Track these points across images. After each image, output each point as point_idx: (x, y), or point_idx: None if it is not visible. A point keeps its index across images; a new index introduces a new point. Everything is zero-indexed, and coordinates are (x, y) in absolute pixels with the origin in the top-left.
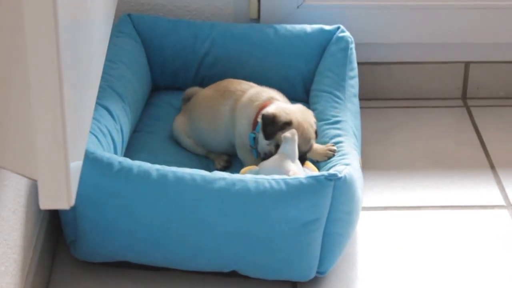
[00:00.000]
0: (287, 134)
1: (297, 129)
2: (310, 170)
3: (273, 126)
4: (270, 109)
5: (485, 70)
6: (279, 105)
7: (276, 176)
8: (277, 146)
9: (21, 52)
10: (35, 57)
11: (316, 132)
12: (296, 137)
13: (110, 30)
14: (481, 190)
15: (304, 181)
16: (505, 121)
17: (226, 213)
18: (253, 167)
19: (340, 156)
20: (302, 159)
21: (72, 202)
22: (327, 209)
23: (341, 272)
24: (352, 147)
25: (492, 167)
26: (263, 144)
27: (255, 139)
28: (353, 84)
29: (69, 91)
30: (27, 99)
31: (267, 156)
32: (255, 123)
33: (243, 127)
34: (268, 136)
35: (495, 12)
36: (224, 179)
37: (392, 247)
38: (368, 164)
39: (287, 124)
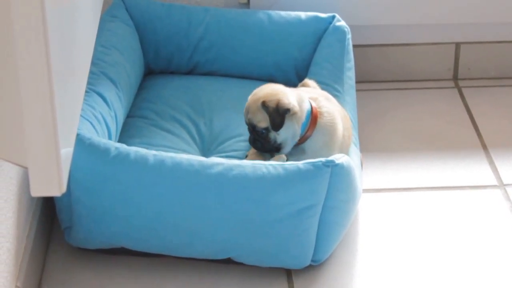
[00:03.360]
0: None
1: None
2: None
3: None
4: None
5: (476, 50)
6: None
7: (274, 162)
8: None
9: (8, 38)
10: (23, 42)
11: (269, 114)
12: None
13: (100, 14)
14: (473, 170)
15: (301, 166)
16: (496, 101)
17: (223, 198)
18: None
19: None
20: (255, 139)
21: (64, 189)
22: (323, 196)
23: (336, 259)
24: (352, 141)
25: (484, 147)
26: None
27: None
28: (350, 76)
29: (58, 76)
30: (16, 86)
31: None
32: None
33: None
34: None
35: None
36: (221, 164)
37: (385, 229)
38: (360, 145)
39: None
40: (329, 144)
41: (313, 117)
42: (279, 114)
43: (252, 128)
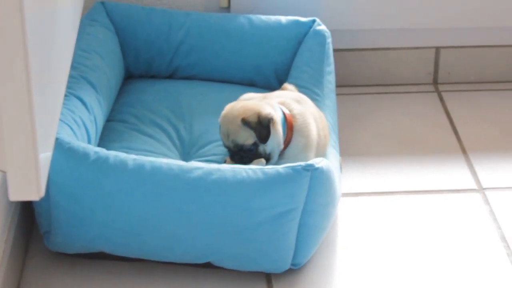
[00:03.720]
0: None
1: (220, 124)
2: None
3: None
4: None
5: (455, 55)
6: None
7: (253, 166)
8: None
9: None
10: (1, 46)
11: (255, 130)
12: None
13: (80, 18)
14: (453, 174)
15: (281, 170)
16: (476, 105)
17: (202, 203)
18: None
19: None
20: (242, 157)
21: (42, 193)
22: (303, 200)
23: (316, 262)
24: (332, 146)
25: (464, 151)
26: None
27: None
28: (330, 80)
29: (37, 80)
30: None
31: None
32: None
33: None
34: None
35: None
36: (201, 168)
37: (364, 233)
38: (340, 149)
39: None
40: (306, 146)
41: (288, 121)
42: (263, 126)
43: (238, 148)
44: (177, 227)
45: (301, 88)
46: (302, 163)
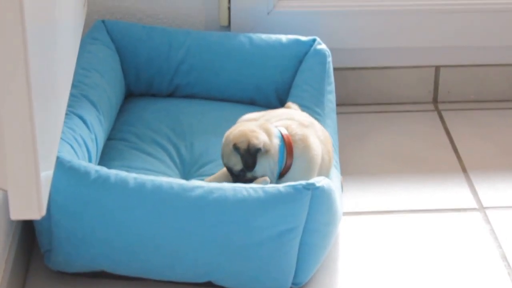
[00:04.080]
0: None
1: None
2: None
3: None
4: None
5: (455, 73)
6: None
7: (254, 185)
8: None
9: None
10: (3, 66)
11: (241, 156)
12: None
13: (80, 37)
14: (453, 193)
15: (282, 189)
16: (476, 124)
17: (203, 221)
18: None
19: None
20: (239, 181)
21: (43, 212)
22: (304, 219)
23: (317, 281)
24: (333, 164)
25: (464, 170)
26: None
27: None
28: (331, 99)
29: (38, 100)
30: None
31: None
32: None
33: None
34: None
35: (465, 16)
36: (201, 187)
37: (365, 251)
38: (340, 168)
39: None
40: (308, 170)
41: (287, 146)
42: (250, 155)
43: (230, 171)
44: (178, 246)
45: (302, 107)
46: (303, 182)
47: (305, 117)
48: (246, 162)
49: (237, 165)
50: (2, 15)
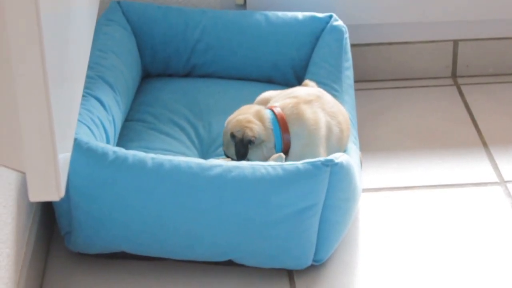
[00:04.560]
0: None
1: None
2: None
3: None
4: None
5: (473, 47)
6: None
7: (272, 162)
8: None
9: (3, 43)
10: (19, 48)
11: (237, 144)
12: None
13: (96, 18)
14: (474, 167)
15: (300, 166)
16: (495, 98)
17: (222, 200)
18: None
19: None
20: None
21: (62, 193)
22: (323, 195)
23: (338, 258)
24: (352, 141)
25: (485, 144)
26: None
27: None
28: (348, 75)
29: (54, 81)
30: (12, 92)
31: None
32: None
33: None
34: None
35: None
36: (220, 166)
37: (386, 228)
38: (360, 144)
39: None
40: (310, 143)
41: (281, 124)
42: (243, 145)
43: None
44: (197, 225)
45: (320, 84)
46: (322, 159)
47: (311, 92)
48: (238, 151)
49: (235, 155)
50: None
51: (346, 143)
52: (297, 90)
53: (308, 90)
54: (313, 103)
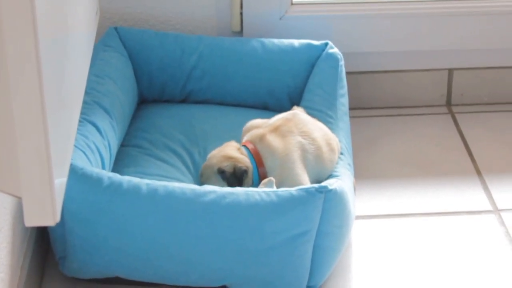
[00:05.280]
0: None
1: None
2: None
3: None
4: None
5: (468, 76)
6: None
7: (266, 188)
8: None
9: (2, 69)
10: (16, 73)
11: (230, 178)
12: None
13: (93, 44)
14: (468, 196)
15: (294, 193)
16: (490, 126)
17: (216, 226)
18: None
19: (333, 177)
20: None
21: (58, 219)
22: (317, 221)
23: (331, 284)
24: (346, 167)
25: (479, 172)
26: None
27: None
28: (343, 102)
29: (52, 107)
30: (10, 117)
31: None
32: None
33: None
34: None
35: (478, 19)
36: (214, 192)
37: (379, 255)
38: (354, 171)
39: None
40: (284, 173)
41: (257, 160)
42: (236, 178)
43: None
44: (192, 251)
45: (315, 111)
46: (316, 185)
47: (281, 117)
48: (232, 185)
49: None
50: (14, 23)
51: (333, 158)
52: (273, 118)
53: (280, 115)
54: (281, 128)
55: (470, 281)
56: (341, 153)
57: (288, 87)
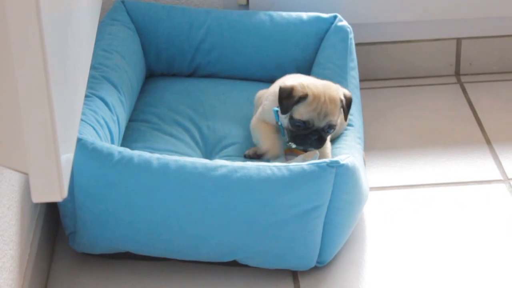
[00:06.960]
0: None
1: (312, 102)
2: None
3: (288, 99)
4: (287, 82)
5: (477, 45)
6: (298, 78)
7: (278, 163)
8: (291, 119)
9: (4, 43)
10: (20, 48)
11: (344, 109)
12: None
13: (98, 17)
14: (478, 165)
15: (306, 167)
16: (499, 95)
17: (227, 201)
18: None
19: (343, 150)
20: (321, 138)
21: (65, 194)
22: (328, 197)
23: (342, 258)
24: (356, 141)
25: (488, 142)
26: (282, 117)
27: (278, 113)
28: (354, 76)
29: (56, 81)
30: (14, 92)
31: (290, 133)
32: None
33: (268, 103)
34: (283, 109)
35: None
36: (225, 166)
37: (391, 226)
38: (364, 144)
39: (302, 98)
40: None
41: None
42: (348, 107)
43: (326, 128)
44: (202, 226)
45: None
46: (327, 160)
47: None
48: (346, 114)
49: (338, 120)
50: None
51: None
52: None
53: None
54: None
55: (480, 249)
56: (351, 125)
57: (296, 60)
